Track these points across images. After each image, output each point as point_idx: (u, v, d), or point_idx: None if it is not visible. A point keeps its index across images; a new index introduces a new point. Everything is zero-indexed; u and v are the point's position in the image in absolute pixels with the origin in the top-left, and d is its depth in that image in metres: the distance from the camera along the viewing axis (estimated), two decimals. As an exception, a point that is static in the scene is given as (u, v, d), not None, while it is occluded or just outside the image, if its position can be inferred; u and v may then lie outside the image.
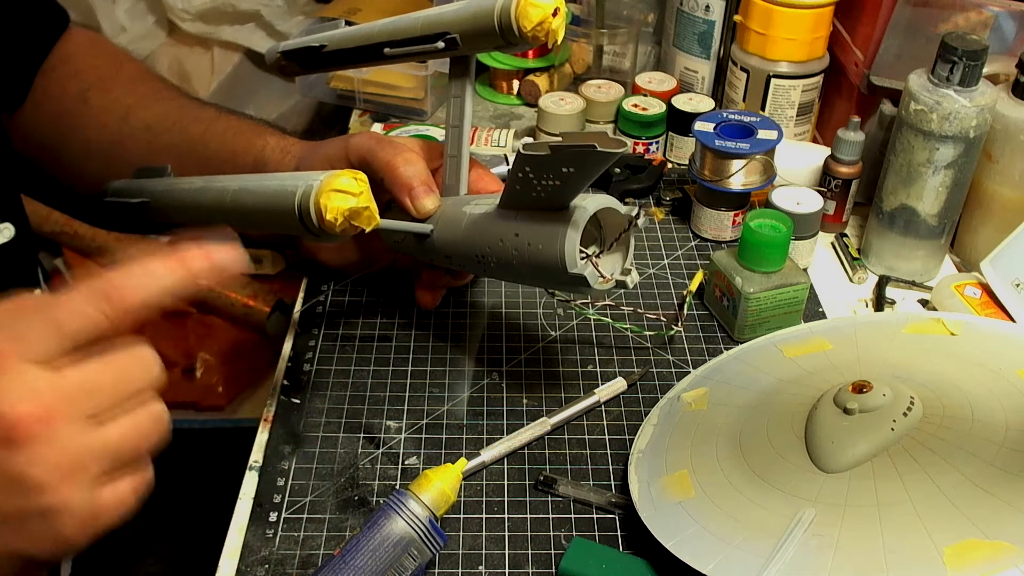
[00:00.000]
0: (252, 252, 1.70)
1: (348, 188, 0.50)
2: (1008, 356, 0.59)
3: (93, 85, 0.73)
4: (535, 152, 0.50)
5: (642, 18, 1.03)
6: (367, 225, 0.51)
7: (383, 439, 0.64)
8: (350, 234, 0.51)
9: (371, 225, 0.51)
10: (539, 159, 0.50)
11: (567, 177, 0.51)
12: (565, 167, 0.50)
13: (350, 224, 0.50)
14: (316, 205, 0.50)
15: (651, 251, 0.83)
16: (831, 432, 0.54)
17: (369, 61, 0.66)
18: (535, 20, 0.55)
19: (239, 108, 1.59)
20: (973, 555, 0.44)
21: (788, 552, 0.48)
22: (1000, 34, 0.79)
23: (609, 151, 0.46)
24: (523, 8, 0.55)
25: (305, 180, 0.51)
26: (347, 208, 0.50)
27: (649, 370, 0.69)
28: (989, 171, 0.77)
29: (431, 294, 0.71)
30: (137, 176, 0.67)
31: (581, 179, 0.51)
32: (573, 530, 0.57)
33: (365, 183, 0.51)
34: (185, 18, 1.56)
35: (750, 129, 0.82)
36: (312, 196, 0.50)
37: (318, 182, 0.50)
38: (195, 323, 1.66)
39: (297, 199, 0.51)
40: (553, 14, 0.56)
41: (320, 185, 0.50)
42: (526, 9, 0.55)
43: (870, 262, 0.81)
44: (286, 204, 0.51)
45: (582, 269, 0.54)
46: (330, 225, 0.50)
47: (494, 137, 0.98)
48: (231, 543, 0.57)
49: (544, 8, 0.55)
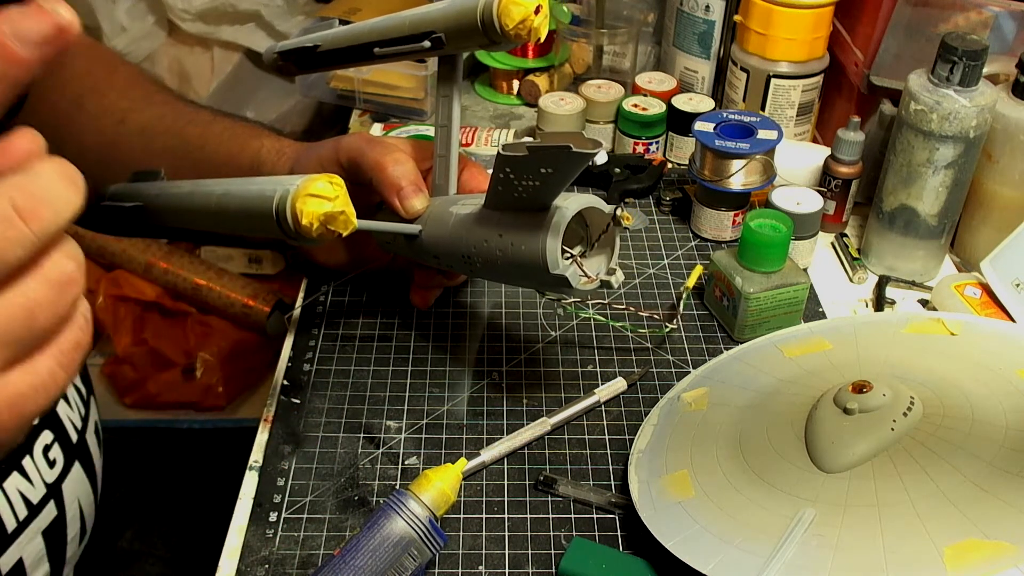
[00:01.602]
0: (252, 252, 1.70)
1: (323, 192, 0.50)
2: (1008, 356, 0.59)
3: (88, 90, 0.73)
4: (513, 153, 0.50)
5: (642, 18, 1.03)
6: (343, 229, 0.51)
7: (383, 439, 0.64)
8: (328, 238, 0.51)
9: (347, 229, 0.51)
10: (517, 160, 0.51)
11: (546, 177, 0.51)
12: (543, 167, 0.50)
13: (326, 229, 0.50)
14: (292, 209, 0.50)
15: (651, 251, 0.83)
16: (831, 432, 0.54)
17: (361, 61, 0.66)
18: (517, 18, 0.55)
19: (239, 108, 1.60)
20: (973, 555, 0.44)
21: (788, 552, 0.48)
22: (1000, 34, 0.79)
23: (583, 151, 0.47)
24: (505, 6, 0.55)
25: (283, 184, 0.51)
26: (322, 212, 0.50)
27: (649, 370, 0.69)
28: (989, 171, 0.77)
29: (424, 294, 0.71)
30: (133, 180, 0.67)
31: (560, 179, 0.51)
32: (573, 530, 0.57)
33: (342, 187, 0.51)
34: (185, 18, 1.56)
35: (750, 129, 0.82)
36: (288, 201, 0.50)
37: (294, 187, 0.50)
38: (195, 323, 1.66)
39: (274, 204, 0.51)
40: (535, 11, 0.56)
41: (296, 190, 0.50)
42: (508, 7, 0.55)
43: (870, 262, 0.81)
44: (264, 208, 0.51)
45: (564, 270, 0.54)
46: (306, 230, 0.50)
47: (494, 137, 0.98)
48: (231, 543, 0.57)
49: (526, 6, 0.55)
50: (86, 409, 0.66)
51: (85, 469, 0.64)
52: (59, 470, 0.60)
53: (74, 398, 0.64)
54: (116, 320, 1.65)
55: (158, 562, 1.53)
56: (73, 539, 0.63)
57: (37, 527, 0.58)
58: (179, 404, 1.68)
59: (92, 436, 0.66)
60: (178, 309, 1.67)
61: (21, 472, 0.57)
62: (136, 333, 1.67)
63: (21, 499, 0.57)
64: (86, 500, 0.64)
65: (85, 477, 0.64)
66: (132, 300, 1.66)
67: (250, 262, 1.70)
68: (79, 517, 0.63)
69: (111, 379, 1.68)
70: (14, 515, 0.56)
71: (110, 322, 1.65)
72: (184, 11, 1.55)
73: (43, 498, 0.59)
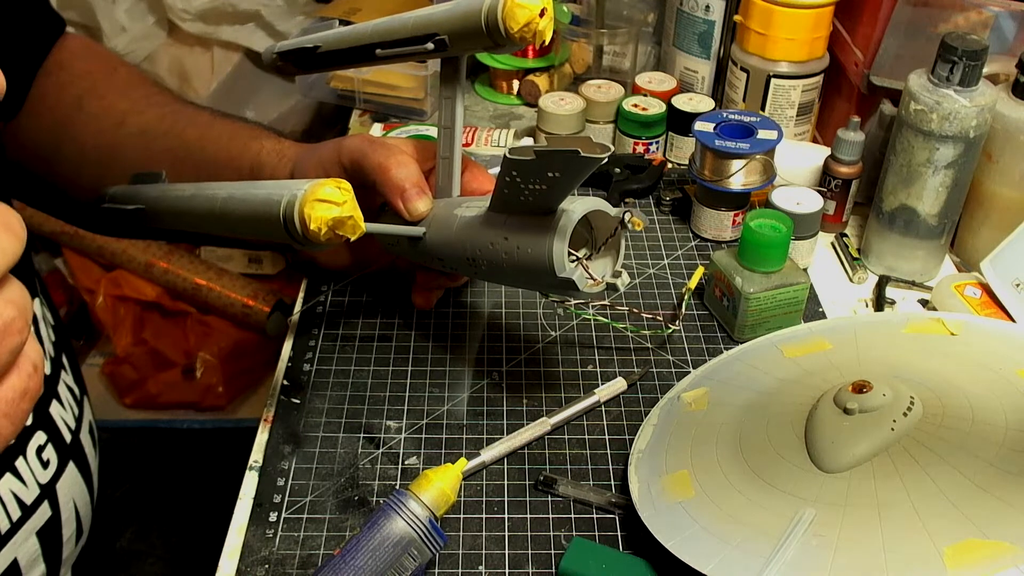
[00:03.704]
0: (252, 252, 1.70)
1: (332, 197, 0.50)
2: (1008, 356, 0.59)
3: (88, 91, 0.73)
4: (520, 157, 0.50)
5: (642, 18, 1.03)
6: (351, 234, 0.51)
7: (383, 439, 0.64)
8: (335, 243, 0.51)
9: (356, 234, 0.51)
10: (524, 164, 0.50)
11: (553, 181, 0.51)
12: (550, 171, 0.50)
13: (334, 233, 0.50)
14: (300, 215, 0.50)
15: (651, 251, 0.83)
16: (831, 432, 0.54)
17: (362, 62, 0.66)
18: (522, 21, 0.55)
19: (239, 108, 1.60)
20: (973, 555, 0.44)
21: (788, 552, 0.48)
22: (1000, 34, 0.79)
23: (592, 156, 0.47)
24: (510, 9, 0.55)
25: (290, 189, 0.51)
26: (331, 218, 0.50)
27: (649, 370, 0.69)
28: (989, 171, 0.77)
29: (426, 295, 0.71)
30: (133, 182, 0.67)
31: (567, 183, 0.51)
32: (573, 530, 0.57)
33: (349, 192, 0.51)
34: (185, 18, 1.56)
35: (750, 129, 0.82)
36: (296, 206, 0.50)
37: (302, 192, 0.50)
38: (195, 323, 1.66)
39: (282, 209, 0.50)
40: (540, 15, 0.56)
41: (304, 195, 0.50)
42: (513, 10, 0.55)
43: (870, 262, 0.81)
44: (271, 213, 0.51)
45: (570, 273, 0.54)
46: (314, 235, 0.50)
47: (494, 137, 0.98)
48: (231, 543, 0.57)
49: (531, 9, 0.55)
50: (80, 409, 0.66)
51: (80, 469, 0.64)
52: (53, 470, 0.60)
53: (67, 398, 0.64)
54: (116, 320, 1.65)
55: (158, 562, 1.53)
56: (69, 539, 0.62)
57: (31, 527, 0.58)
58: (179, 404, 1.68)
59: (87, 436, 0.66)
60: (178, 309, 1.67)
61: (14, 473, 0.57)
62: (136, 333, 1.67)
63: (14, 500, 0.56)
64: (82, 500, 0.64)
65: (80, 477, 0.64)
66: (132, 300, 1.66)
67: (250, 262, 1.70)
68: (75, 517, 0.63)
69: (111, 379, 1.68)
70: (7, 516, 0.56)
71: (110, 322, 1.65)
72: (184, 11, 1.55)
73: (37, 498, 0.58)
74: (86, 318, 1.70)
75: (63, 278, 1.72)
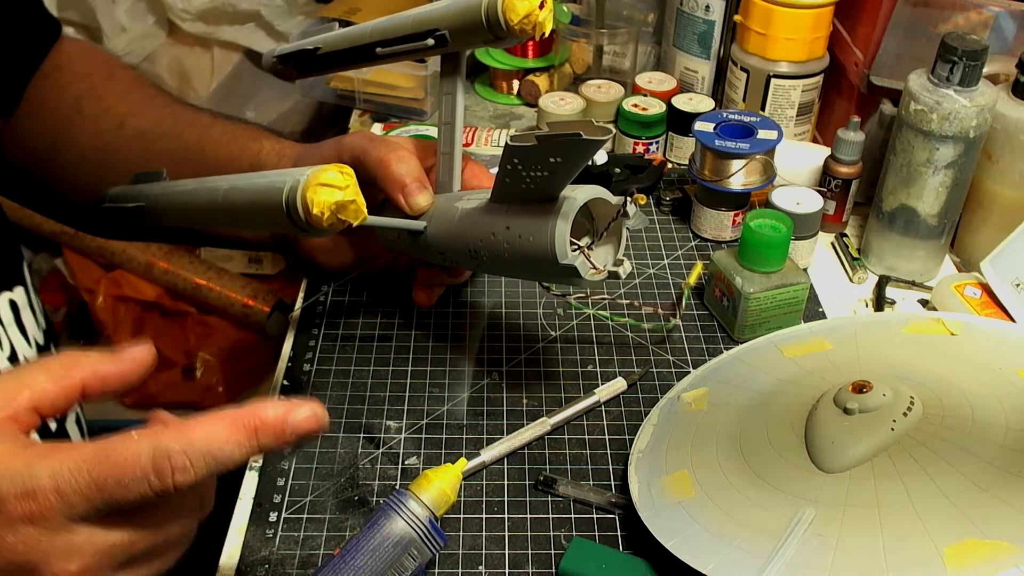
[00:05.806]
0: (252, 252, 1.70)
1: (334, 182, 0.50)
2: (1008, 356, 0.59)
3: (86, 94, 0.73)
4: (522, 143, 0.50)
5: (642, 18, 1.03)
6: (354, 219, 0.51)
7: (383, 439, 0.64)
8: (338, 228, 0.51)
9: (358, 219, 0.51)
10: (526, 150, 0.50)
11: (555, 167, 0.51)
12: (552, 157, 0.50)
13: (337, 218, 0.50)
14: (303, 200, 0.50)
15: (651, 251, 0.83)
16: (831, 432, 0.54)
17: (363, 62, 0.66)
18: (521, 13, 0.55)
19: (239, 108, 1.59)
20: (973, 555, 0.44)
21: (788, 552, 0.48)
22: (1000, 34, 0.79)
23: (595, 139, 0.47)
24: (510, 1, 0.55)
25: (292, 176, 0.51)
26: (333, 202, 0.50)
27: (649, 370, 0.69)
28: (989, 171, 0.77)
29: (427, 292, 0.71)
30: (135, 181, 0.67)
31: (569, 169, 0.51)
32: (573, 530, 0.57)
33: (351, 176, 0.51)
34: (185, 18, 1.56)
35: (750, 129, 0.82)
36: (299, 191, 0.50)
37: (304, 177, 0.50)
38: (195, 323, 1.66)
39: (284, 194, 0.51)
40: (540, 6, 0.56)
41: (306, 180, 0.50)
42: (512, 2, 0.55)
43: (870, 262, 0.81)
44: (274, 200, 0.51)
45: (573, 260, 0.54)
46: (317, 219, 0.50)
47: (494, 137, 0.98)
48: (231, 543, 0.57)
49: (531, 1, 0.55)
50: None
51: None
52: None
53: None
54: (116, 320, 1.65)
55: (158, 562, 1.53)
56: None
57: None
58: (179, 404, 1.67)
59: (73, 426, 0.65)
60: (178, 309, 1.67)
61: None
62: (136, 333, 1.67)
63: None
64: None
65: None
66: (132, 300, 1.66)
67: (250, 262, 1.70)
68: None
69: (111, 379, 1.67)
70: None
71: (110, 322, 1.65)
72: (184, 11, 1.55)
73: None
74: (86, 318, 1.70)
75: (63, 278, 1.72)
